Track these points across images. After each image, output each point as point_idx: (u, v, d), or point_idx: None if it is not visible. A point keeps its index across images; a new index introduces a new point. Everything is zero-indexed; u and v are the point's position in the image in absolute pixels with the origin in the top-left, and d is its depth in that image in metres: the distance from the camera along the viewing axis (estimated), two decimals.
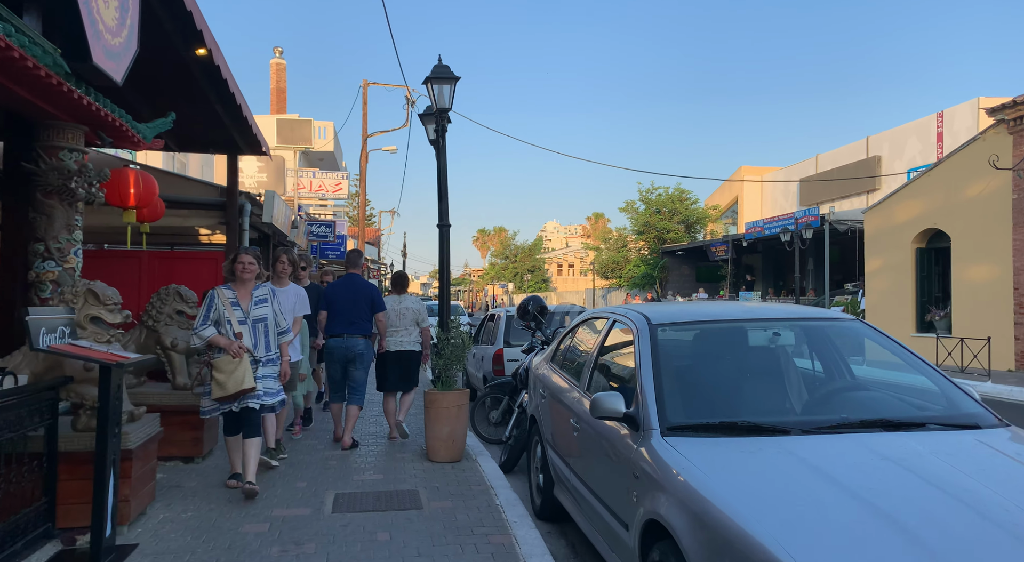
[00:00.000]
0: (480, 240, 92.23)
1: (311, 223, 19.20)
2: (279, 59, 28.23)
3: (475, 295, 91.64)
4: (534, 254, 70.25)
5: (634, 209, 37.53)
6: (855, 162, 29.43)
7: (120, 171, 7.16)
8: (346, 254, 7.65)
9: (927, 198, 16.03)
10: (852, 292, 22.95)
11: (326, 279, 12.36)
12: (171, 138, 10.64)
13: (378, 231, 61.01)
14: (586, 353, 4.63)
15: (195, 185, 11.66)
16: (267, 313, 5.25)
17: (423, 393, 6.50)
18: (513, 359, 9.22)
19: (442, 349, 6.56)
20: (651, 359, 3.50)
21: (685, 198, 36.88)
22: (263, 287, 5.35)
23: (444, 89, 6.88)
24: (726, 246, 29.86)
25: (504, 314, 9.74)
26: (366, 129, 30.09)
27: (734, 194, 39.34)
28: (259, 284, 5.33)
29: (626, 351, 3.98)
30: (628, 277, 38.10)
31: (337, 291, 6.91)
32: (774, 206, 35.72)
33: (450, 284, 7.45)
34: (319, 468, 6.09)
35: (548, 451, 4.90)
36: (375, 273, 48.54)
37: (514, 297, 67.55)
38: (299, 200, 23.33)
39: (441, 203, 7.30)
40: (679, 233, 36.24)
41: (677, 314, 4.06)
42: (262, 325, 5.20)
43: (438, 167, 7.36)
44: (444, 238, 7.20)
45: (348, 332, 6.79)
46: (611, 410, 3.35)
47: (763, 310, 4.40)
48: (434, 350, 6.77)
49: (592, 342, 4.60)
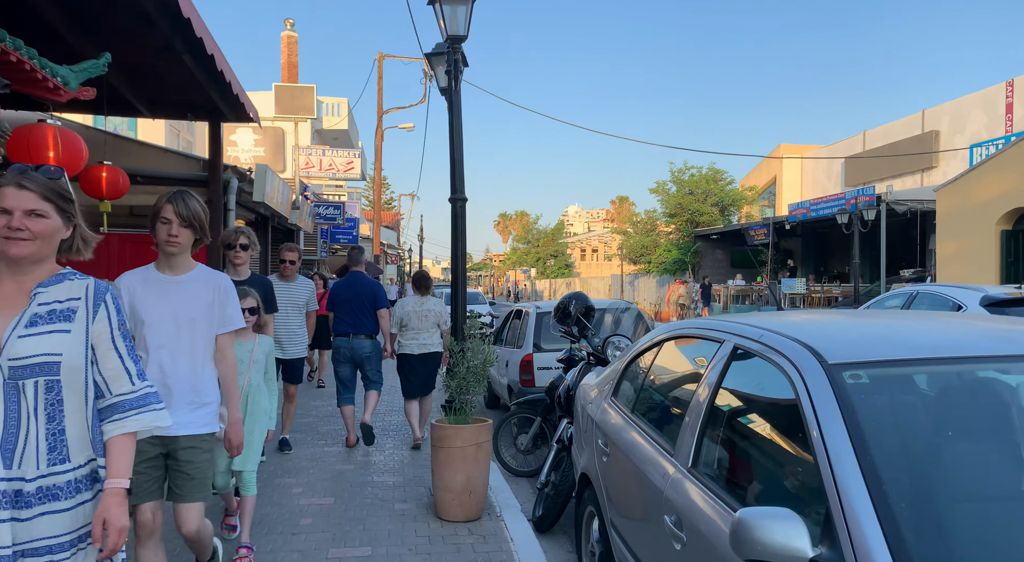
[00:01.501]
0: (501, 224, 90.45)
1: (317, 204, 17.54)
2: (290, 31, 26.46)
3: (496, 281, 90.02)
4: (556, 239, 68.28)
5: (665, 190, 35.43)
6: (909, 138, 27.12)
7: (34, 127, 5.53)
8: (349, 252, 7.39)
9: (1016, 174, 13.94)
10: (912, 279, 20.86)
11: (317, 275, 10.84)
12: (139, 100, 9.00)
13: (397, 215, 59.49)
14: (682, 399, 2.87)
15: (173, 157, 10.05)
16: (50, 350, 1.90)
17: (430, 424, 4.81)
18: (545, 367, 7.49)
19: (455, 366, 4.85)
20: (856, 445, 1.76)
21: (720, 178, 34.69)
22: (62, 284, 2.01)
23: (458, 11, 5.08)
24: (766, 229, 27.77)
25: (534, 311, 7.99)
26: (381, 105, 28.34)
27: (771, 174, 37.06)
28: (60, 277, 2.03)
29: (773, 410, 2.24)
30: (658, 262, 36.10)
31: (340, 290, 6.75)
32: (815, 187, 33.47)
33: (465, 272, 5.75)
34: (285, 535, 4.42)
35: (612, 536, 3.18)
36: (394, 259, 47.02)
37: (536, 283, 65.79)
38: (310, 180, 21.70)
39: (455, 171, 5.57)
40: (713, 216, 34.12)
41: (872, 342, 2.23)
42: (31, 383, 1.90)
43: (450, 124, 5.62)
44: (458, 215, 5.47)
45: (354, 332, 6.65)
46: (782, 552, 1.63)
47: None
48: (447, 373, 5.04)
49: (692, 380, 2.85)
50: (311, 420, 8.03)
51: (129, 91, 8.62)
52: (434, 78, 6.09)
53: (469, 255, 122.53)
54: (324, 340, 9.94)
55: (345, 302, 6.64)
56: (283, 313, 6.15)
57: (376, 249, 28.48)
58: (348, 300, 6.62)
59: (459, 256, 5.57)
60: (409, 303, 6.80)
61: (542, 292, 61.93)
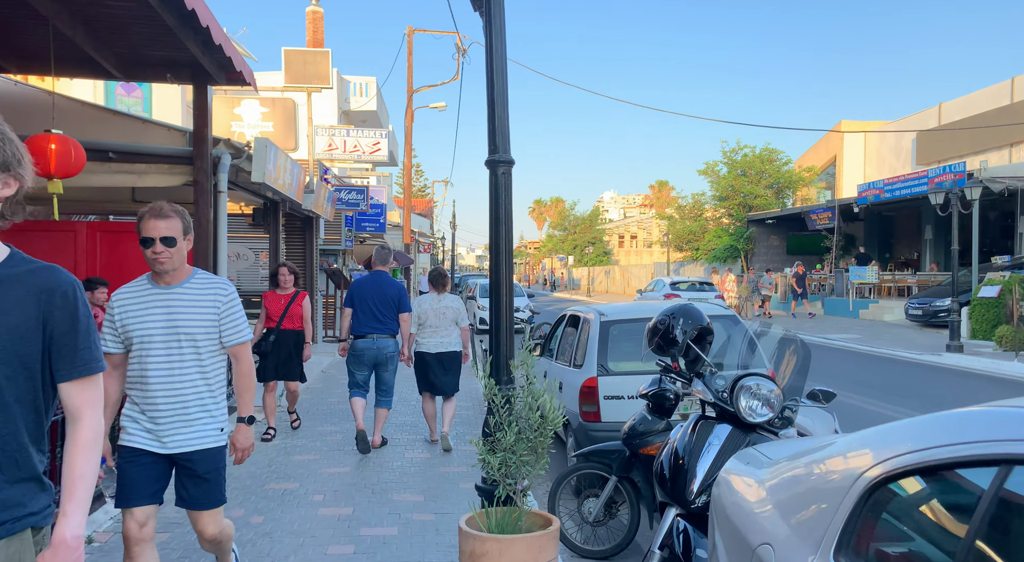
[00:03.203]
0: (536, 211, 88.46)
1: (338, 188, 15.79)
2: (315, 7, 24.73)
3: (531, 268, 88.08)
4: (594, 225, 65.94)
5: (715, 171, 33.05)
6: (995, 109, 24.31)
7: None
8: (375, 250, 7.22)
9: None
10: (1007, 266, 18.37)
11: (330, 268, 9.40)
12: (105, 58, 7.30)
13: (430, 202, 57.77)
14: None
15: (153, 129, 8.34)
16: None
17: (459, 528, 2.93)
18: (615, 396, 5.57)
19: (497, 428, 2.96)
20: None
21: (775, 158, 32.17)
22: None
23: None
24: (831, 213, 25.31)
25: (596, 318, 6.04)
26: (411, 83, 26.51)
27: (830, 154, 34.31)
28: None
29: None
30: (707, 249, 33.77)
31: (363, 289, 6.60)
32: (881, 166, 30.72)
33: (511, 261, 3.75)
34: None
35: None
36: (426, 247, 45.30)
37: (572, 271, 63.66)
38: (333, 163, 19.99)
39: (494, 121, 3.66)
40: (767, 199, 31.63)
41: None
42: None
43: (488, 51, 3.72)
44: (501, 185, 3.54)
45: (377, 332, 6.49)
46: None
47: None
48: (485, 439, 3.09)
49: None
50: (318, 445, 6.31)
51: (90, 45, 6.91)
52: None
53: None
54: (294, 367, 7.09)
55: (368, 302, 6.47)
56: None
57: (407, 237, 26.76)
58: (371, 300, 6.47)
59: (502, 239, 3.64)
60: (427, 301, 6.67)
61: (579, 280, 59.84)
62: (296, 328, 7.13)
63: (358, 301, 6.50)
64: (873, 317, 21.88)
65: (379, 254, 6.95)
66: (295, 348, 7.11)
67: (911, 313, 19.78)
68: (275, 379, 7.10)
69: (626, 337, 5.80)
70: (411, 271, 30.42)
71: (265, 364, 6.95)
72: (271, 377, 7.05)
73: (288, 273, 7.30)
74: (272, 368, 7.01)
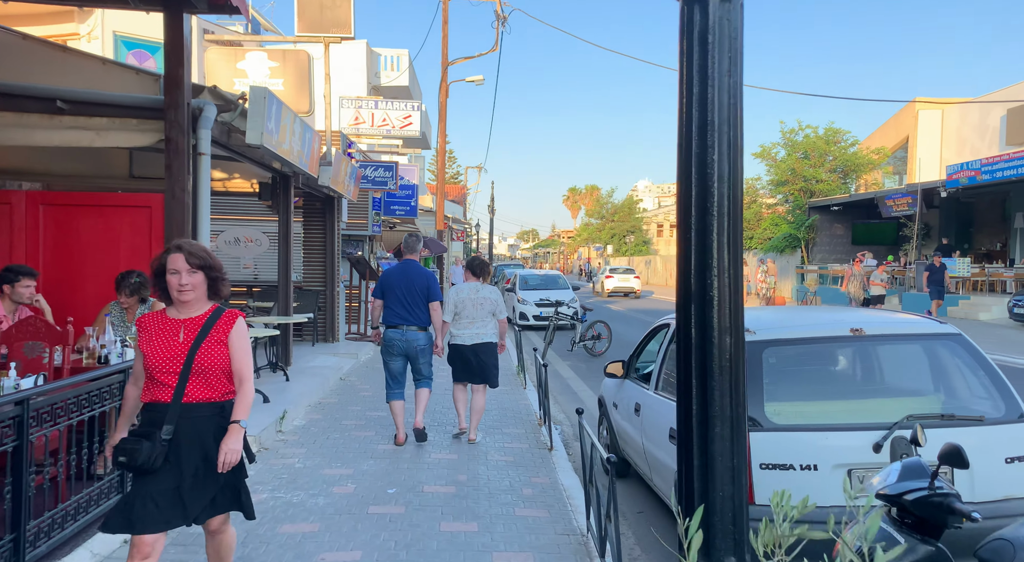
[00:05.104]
0: (571, 199, 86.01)
1: (363, 164, 13.79)
2: None
3: (566, 258, 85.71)
4: (633, 213, 63.25)
5: (772, 155, 30.42)
6: None
7: None
8: (404, 238, 6.84)
9: None
10: None
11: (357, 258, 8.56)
12: None
13: (463, 188, 55.66)
14: None
15: (117, 71, 6.39)
16: None
17: None
18: (777, 464, 3.46)
19: None
20: None
21: (839, 139, 29.42)
22: None
23: None
24: (910, 198, 22.66)
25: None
26: (446, 55, 24.40)
27: (902, 135, 31.39)
28: None
29: None
30: (763, 238, 31.22)
31: (391, 279, 6.49)
32: (962, 148, 27.83)
33: (739, 229, 1.77)
34: None
35: None
36: (460, 234, 43.30)
37: (610, 261, 61.20)
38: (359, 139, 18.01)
39: None
40: (831, 184, 28.93)
41: None
42: None
43: None
44: (711, 31, 1.47)
45: (407, 323, 6.36)
46: None
47: None
48: None
49: None
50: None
51: None
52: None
53: (535, 231, 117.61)
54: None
55: (397, 292, 6.40)
56: None
57: (440, 223, 24.79)
58: (400, 290, 6.39)
59: (714, 177, 1.63)
60: (464, 290, 6.51)
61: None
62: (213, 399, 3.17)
63: (387, 292, 6.42)
64: (965, 316, 19.30)
65: (408, 242, 6.77)
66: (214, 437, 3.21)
67: (1016, 312, 17.24)
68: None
69: (794, 366, 3.68)
70: (444, 260, 28.41)
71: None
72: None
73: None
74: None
